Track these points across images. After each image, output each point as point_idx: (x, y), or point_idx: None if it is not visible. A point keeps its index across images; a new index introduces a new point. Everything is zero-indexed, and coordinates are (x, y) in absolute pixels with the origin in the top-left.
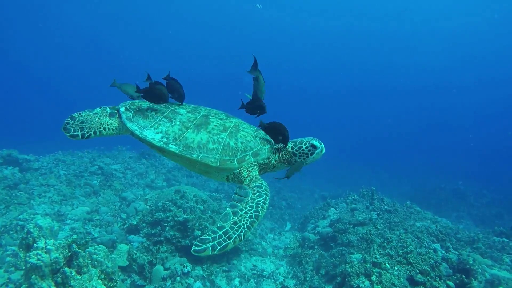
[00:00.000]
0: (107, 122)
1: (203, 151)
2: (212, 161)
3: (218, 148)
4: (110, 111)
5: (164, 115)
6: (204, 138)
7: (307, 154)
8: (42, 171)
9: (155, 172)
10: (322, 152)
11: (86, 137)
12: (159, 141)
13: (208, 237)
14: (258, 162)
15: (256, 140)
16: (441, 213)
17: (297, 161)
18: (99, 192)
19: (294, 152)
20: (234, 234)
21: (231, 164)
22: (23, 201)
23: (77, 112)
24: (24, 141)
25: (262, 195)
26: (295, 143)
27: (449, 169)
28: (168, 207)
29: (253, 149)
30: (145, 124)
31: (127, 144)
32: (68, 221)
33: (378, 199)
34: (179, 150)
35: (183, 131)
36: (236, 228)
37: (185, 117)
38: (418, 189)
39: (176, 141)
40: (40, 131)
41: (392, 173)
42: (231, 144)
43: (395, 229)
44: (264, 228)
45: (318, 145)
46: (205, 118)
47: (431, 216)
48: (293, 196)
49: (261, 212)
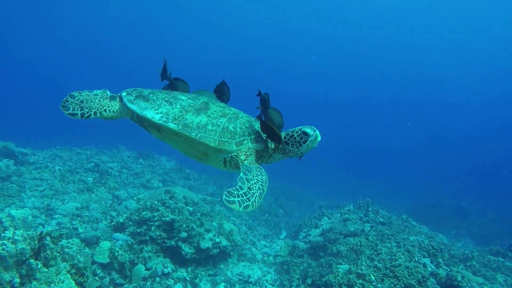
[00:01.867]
0: (108, 104)
1: (202, 131)
2: (210, 141)
3: (216, 130)
4: (111, 94)
5: (165, 99)
6: (204, 120)
7: (300, 143)
8: (37, 165)
9: (151, 173)
10: (317, 140)
11: (86, 117)
12: (159, 119)
13: (234, 192)
14: (256, 148)
15: (254, 128)
16: (441, 230)
17: (291, 150)
18: (92, 189)
19: (286, 141)
20: (251, 198)
21: (229, 146)
22: (13, 194)
23: (76, 91)
24: (24, 135)
25: (263, 174)
26: (287, 132)
27: (453, 185)
28: (156, 207)
29: (251, 135)
30: (146, 105)
31: (126, 143)
32: (56, 215)
33: (373, 211)
34: (177, 128)
35: (183, 113)
36: (251, 194)
37: (186, 102)
38: (420, 204)
39: (176, 120)
40: (42, 126)
41: (395, 186)
42: (230, 127)
43: (387, 242)
44: (257, 235)
45: (310, 132)
46: (205, 104)
47: (427, 231)
48: (291, 204)
49: (265, 188)
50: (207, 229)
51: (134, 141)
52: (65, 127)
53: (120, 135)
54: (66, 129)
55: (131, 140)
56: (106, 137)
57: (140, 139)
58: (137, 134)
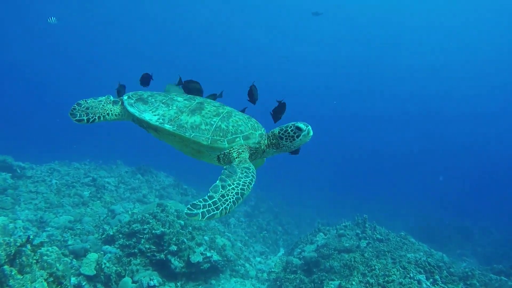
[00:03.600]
0: (111, 108)
1: (196, 131)
2: (203, 140)
3: (209, 129)
4: (114, 99)
5: (162, 101)
6: (198, 120)
7: (293, 137)
8: (34, 179)
9: (148, 188)
10: (310, 134)
11: (91, 122)
12: (156, 121)
13: (199, 204)
14: (249, 145)
15: (247, 125)
16: (445, 250)
17: (284, 145)
18: (88, 203)
19: (280, 136)
20: (221, 206)
21: (221, 143)
22: (7, 206)
23: (83, 99)
24: (26, 149)
25: (249, 175)
26: (281, 127)
27: (455, 202)
28: (147, 220)
29: (243, 133)
30: (145, 108)
31: (125, 158)
32: (48, 228)
33: (370, 227)
34: (172, 129)
35: (178, 114)
36: (223, 201)
37: (182, 104)
38: (422, 223)
39: (171, 121)
40: (42, 141)
41: (396, 204)
42: (223, 126)
43: (383, 258)
44: (253, 251)
45: (303, 127)
46: (200, 104)
47: (426, 248)
48: (291, 222)
49: (246, 191)
50: (198, 243)
51: (133, 157)
52: (65, 142)
53: (119, 150)
54: (66, 144)
55: (130, 155)
56: (105, 152)
57: (139, 154)
58: (136, 149)
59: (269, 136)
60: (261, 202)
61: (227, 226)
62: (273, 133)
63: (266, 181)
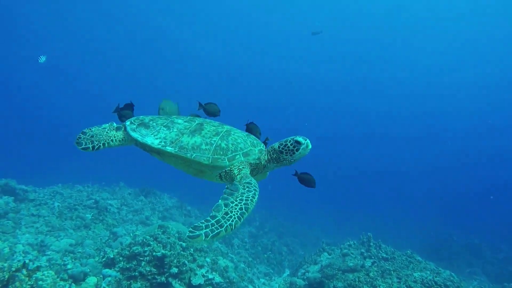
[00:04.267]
0: (114, 135)
1: (197, 151)
2: (204, 159)
3: (210, 149)
4: (117, 125)
5: (163, 125)
6: (198, 141)
7: (293, 151)
8: (37, 202)
9: (151, 210)
10: (308, 148)
11: (96, 149)
12: (158, 144)
13: (201, 225)
14: (249, 161)
15: (246, 142)
16: (453, 268)
17: (285, 158)
18: (90, 225)
19: (280, 150)
20: (225, 223)
21: (222, 162)
22: (8, 230)
23: (87, 128)
24: (29, 172)
25: (251, 190)
26: (281, 142)
27: (464, 220)
28: (147, 242)
29: (243, 150)
30: (146, 132)
31: (128, 180)
32: (49, 252)
33: (375, 246)
34: (174, 151)
35: (179, 136)
36: (227, 218)
37: (182, 126)
38: (429, 240)
39: (173, 144)
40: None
41: (402, 222)
42: (222, 145)
43: (388, 278)
44: (257, 272)
45: (302, 141)
46: (200, 125)
47: (433, 267)
48: (295, 241)
49: (250, 205)
50: (200, 264)
51: (137, 178)
52: (69, 165)
53: (122, 172)
54: (70, 167)
55: (133, 177)
56: (108, 174)
57: (143, 176)
58: (139, 171)
59: (269, 151)
60: (265, 222)
61: (230, 247)
62: (273, 148)
63: (271, 201)
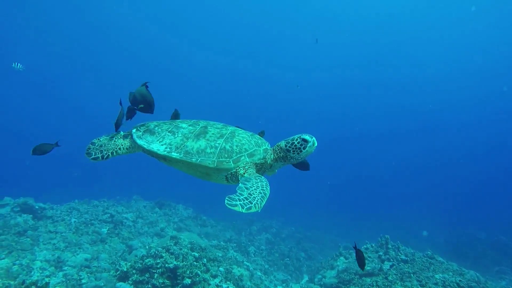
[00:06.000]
0: (121, 143)
1: (202, 155)
2: (209, 163)
3: (215, 152)
4: (124, 133)
5: (168, 130)
6: (203, 144)
7: (300, 149)
8: (54, 219)
9: (166, 221)
10: (315, 145)
11: (105, 158)
12: (164, 151)
13: (235, 197)
14: (254, 162)
15: (251, 143)
16: (480, 268)
17: (292, 157)
18: (106, 240)
19: (287, 149)
20: (253, 201)
21: (227, 164)
22: (26, 247)
23: (96, 138)
24: (47, 191)
25: (263, 180)
26: (287, 141)
27: (489, 219)
28: (160, 254)
29: (248, 151)
30: (152, 139)
31: (144, 193)
32: (65, 267)
33: (393, 248)
34: (180, 156)
35: (184, 141)
36: (252, 198)
37: (186, 130)
38: (453, 240)
39: (178, 149)
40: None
41: (421, 222)
42: (227, 147)
43: (407, 281)
44: (274, 280)
45: (309, 139)
46: (204, 128)
47: (456, 267)
48: (314, 247)
49: (267, 191)
50: (213, 274)
51: (153, 191)
52: (85, 182)
53: (137, 185)
54: (86, 183)
55: (150, 189)
56: (123, 188)
57: (159, 189)
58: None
59: (275, 150)
60: (282, 229)
61: (246, 255)
62: (279, 146)
63: (287, 208)
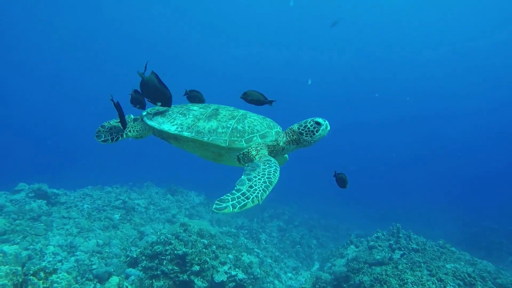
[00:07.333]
0: (132, 125)
1: (213, 135)
2: (221, 142)
3: (226, 132)
4: (134, 117)
5: (179, 112)
6: (214, 125)
7: (313, 132)
8: (67, 205)
9: (178, 208)
10: (328, 129)
11: (114, 141)
12: (175, 130)
13: (227, 198)
14: (266, 143)
15: (262, 125)
16: (493, 258)
17: (305, 140)
18: (118, 225)
19: (300, 132)
20: (251, 195)
21: (239, 143)
22: (40, 232)
23: (106, 121)
24: (61, 176)
25: (272, 165)
26: (300, 124)
27: (503, 209)
28: (169, 240)
29: (260, 132)
30: (163, 120)
31: (156, 179)
32: (78, 252)
33: (404, 237)
34: (191, 135)
35: (195, 122)
36: (253, 191)
37: (198, 112)
38: (466, 230)
39: (189, 129)
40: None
41: (434, 211)
42: (239, 127)
43: (417, 270)
44: (284, 267)
45: (322, 122)
46: (215, 110)
47: (469, 257)
48: (326, 235)
49: (273, 179)
50: (222, 261)
51: (164, 178)
52: (99, 167)
53: (150, 172)
54: (100, 169)
55: (162, 176)
56: (137, 175)
57: (171, 175)
58: (167, 170)
59: (287, 132)
60: (295, 216)
61: (257, 242)
62: (292, 129)
63: (301, 195)
